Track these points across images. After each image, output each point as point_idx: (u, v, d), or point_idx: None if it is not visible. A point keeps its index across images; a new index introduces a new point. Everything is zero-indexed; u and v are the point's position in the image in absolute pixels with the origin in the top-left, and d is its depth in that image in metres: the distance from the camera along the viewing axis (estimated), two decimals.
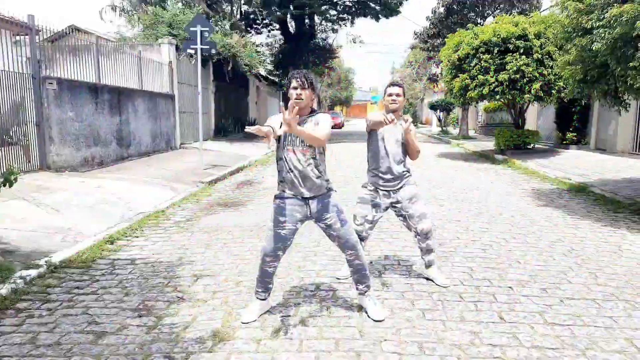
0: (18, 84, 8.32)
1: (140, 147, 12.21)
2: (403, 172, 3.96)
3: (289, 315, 3.44)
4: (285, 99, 33.69)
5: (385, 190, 3.96)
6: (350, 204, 7.22)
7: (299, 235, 5.51)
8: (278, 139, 3.19)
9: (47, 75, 8.93)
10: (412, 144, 3.89)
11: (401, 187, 3.96)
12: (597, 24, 6.25)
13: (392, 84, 3.97)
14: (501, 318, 3.40)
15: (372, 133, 3.98)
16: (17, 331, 3.22)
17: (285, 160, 3.20)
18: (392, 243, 5.27)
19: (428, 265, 4.13)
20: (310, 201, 3.24)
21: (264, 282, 3.42)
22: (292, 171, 3.18)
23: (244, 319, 3.36)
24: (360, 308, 3.51)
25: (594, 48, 6.18)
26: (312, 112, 3.25)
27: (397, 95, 3.87)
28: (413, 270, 4.37)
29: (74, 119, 9.36)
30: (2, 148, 7.93)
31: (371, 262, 4.59)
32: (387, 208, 4.01)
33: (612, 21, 5.91)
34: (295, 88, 3.12)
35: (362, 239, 4.04)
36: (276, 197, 3.31)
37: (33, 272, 4.17)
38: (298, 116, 2.91)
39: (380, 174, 3.94)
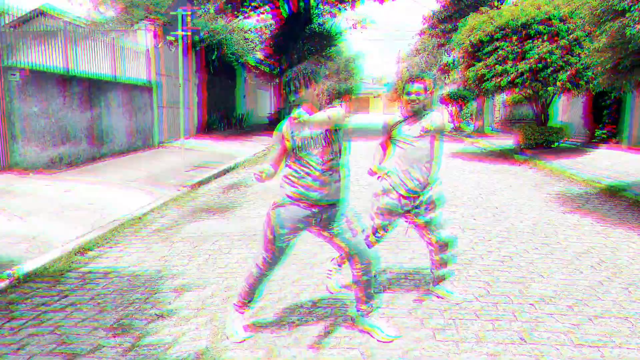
0: None
1: (115, 146, 12.23)
2: (428, 176, 3.92)
3: (283, 335, 3.45)
4: (279, 93, 33.62)
5: (408, 195, 3.91)
6: (352, 201, 7.26)
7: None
8: (289, 139, 3.22)
9: (9, 64, 8.94)
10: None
11: (424, 192, 3.93)
12: (632, 6, 6.23)
13: (412, 79, 3.88)
14: (522, 339, 3.41)
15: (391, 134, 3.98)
16: None
17: (302, 164, 3.20)
18: (398, 254, 5.29)
19: (438, 280, 4.14)
20: (320, 207, 3.23)
21: (253, 296, 3.46)
22: (308, 175, 3.18)
23: (235, 338, 3.37)
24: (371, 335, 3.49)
25: (627, 33, 6.15)
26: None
27: (417, 94, 3.82)
28: (422, 284, 4.39)
29: (40, 114, 9.37)
30: None
31: (375, 276, 4.59)
32: (407, 211, 4.00)
33: None
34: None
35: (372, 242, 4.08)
36: (277, 205, 3.28)
37: None
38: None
39: (401, 188, 3.91)
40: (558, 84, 12.26)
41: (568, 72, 12.21)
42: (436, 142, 3.96)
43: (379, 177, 3.81)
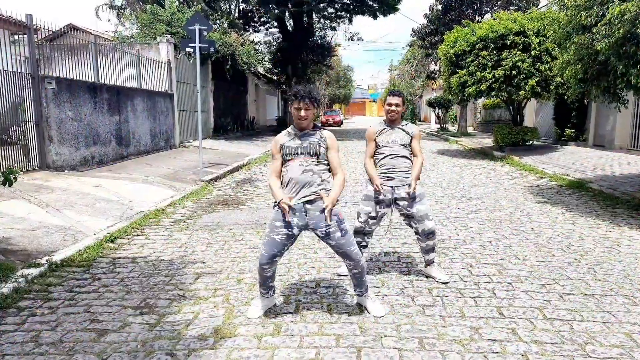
0: (17, 83, 8.32)
1: (140, 146, 12.22)
2: (407, 172, 3.98)
3: (290, 312, 3.45)
4: (284, 99, 33.56)
5: (389, 187, 3.98)
6: (348, 201, 7.27)
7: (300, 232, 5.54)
8: (281, 149, 3.27)
9: (45, 74, 8.93)
10: (418, 174, 4.00)
11: (405, 185, 3.97)
12: (597, 21, 6.21)
13: (392, 93, 4.06)
14: (500, 313, 3.41)
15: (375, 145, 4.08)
16: (19, 330, 3.23)
17: (288, 168, 3.22)
18: (391, 240, 5.29)
19: (427, 263, 4.16)
20: (309, 206, 3.20)
21: (266, 285, 3.42)
22: (293, 178, 3.19)
23: (249, 314, 3.38)
24: (367, 310, 3.51)
25: (597, 48, 6.13)
26: (315, 127, 3.32)
27: (397, 105, 3.99)
28: (413, 266, 4.39)
29: (73, 118, 9.36)
30: (2, 147, 7.94)
31: (371, 259, 4.61)
32: (390, 204, 4.03)
33: (613, 19, 5.88)
34: (299, 109, 3.18)
35: (366, 233, 4.08)
36: (276, 203, 3.27)
37: (34, 271, 4.18)
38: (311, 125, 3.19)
39: (381, 173, 3.98)
40: (528, 88, 12.24)
41: (537, 79, 12.20)
42: (414, 146, 4.06)
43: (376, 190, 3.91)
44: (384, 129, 4.07)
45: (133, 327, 3.26)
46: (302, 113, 3.17)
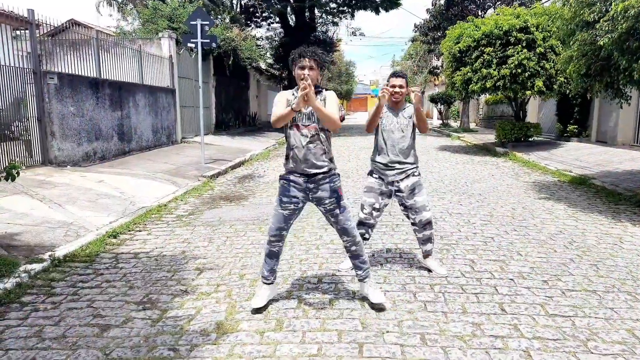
0: (19, 79, 8.32)
1: (142, 142, 12.22)
2: (406, 163, 3.99)
3: (292, 308, 3.46)
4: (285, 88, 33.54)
5: (389, 178, 4.00)
6: (351, 197, 7.27)
7: (301, 229, 5.55)
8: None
9: (47, 69, 8.93)
10: (420, 116, 3.93)
11: (404, 178, 3.99)
12: (600, 17, 6.20)
13: (396, 74, 3.96)
14: (502, 310, 3.42)
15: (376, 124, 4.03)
16: (23, 324, 3.25)
17: (290, 136, 3.25)
18: (393, 236, 5.29)
19: (426, 255, 4.18)
20: (311, 179, 3.26)
21: (270, 263, 3.45)
22: (296, 147, 3.22)
23: (254, 304, 3.39)
24: (363, 299, 3.53)
25: (600, 43, 6.12)
26: (317, 89, 3.24)
27: (400, 86, 3.88)
28: (414, 262, 4.40)
29: (75, 113, 9.36)
30: (4, 143, 7.95)
31: (373, 255, 4.61)
32: (391, 195, 4.06)
33: (616, 15, 5.87)
34: (303, 68, 3.13)
35: (369, 226, 4.11)
36: (281, 177, 3.37)
37: (37, 266, 4.19)
38: (313, 88, 3.01)
39: (381, 164, 4.00)
40: (536, 88, 12.17)
41: (543, 78, 12.13)
42: (419, 116, 3.97)
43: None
44: (386, 111, 4.01)
45: (136, 322, 3.27)
46: (307, 72, 3.11)
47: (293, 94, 3.28)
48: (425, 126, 4.00)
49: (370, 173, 4.15)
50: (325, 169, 3.27)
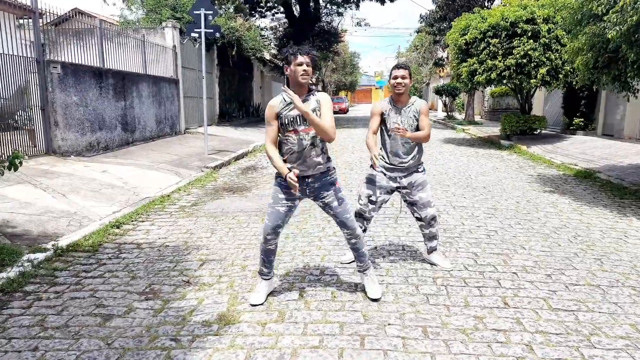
0: (22, 67, 8.32)
1: (145, 132, 12.23)
2: (411, 161, 3.94)
3: (294, 299, 3.47)
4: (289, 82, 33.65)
5: (392, 174, 3.96)
6: (354, 189, 7.25)
7: (304, 221, 5.55)
8: (278, 117, 3.21)
9: (51, 59, 8.92)
10: (415, 139, 3.88)
11: (407, 175, 3.95)
12: (609, 9, 6.13)
13: (398, 66, 3.89)
14: (505, 303, 3.41)
15: (380, 121, 3.98)
16: (25, 314, 3.26)
17: (287, 141, 3.21)
18: (396, 229, 5.29)
19: (430, 250, 4.17)
20: (309, 179, 3.26)
21: (268, 260, 3.44)
22: (293, 152, 3.20)
23: (253, 301, 3.39)
24: (365, 292, 3.53)
25: (609, 36, 6.07)
26: (310, 90, 3.22)
27: (403, 77, 3.82)
28: (417, 255, 4.39)
29: (79, 103, 9.36)
30: (8, 132, 7.96)
31: (375, 247, 4.61)
32: (392, 191, 4.02)
33: (625, 7, 5.80)
34: (301, 64, 3.09)
35: (365, 219, 4.08)
36: (277, 175, 3.35)
37: (40, 256, 4.21)
38: (307, 88, 3.01)
39: (385, 161, 3.97)
40: (539, 76, 12.12)
41: (547, 67, 12.07)
42: (422, 123, 3.89)
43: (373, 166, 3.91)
44: (390, 109, 3.93)
45: (138, 312, 3.28)
46: (306, 67, 3.08)
47: (283, 100, 3.21)
48: (425, 142, 3.96)
49: (372, 165, 4.11)
50: (322, 170, 3.27)
